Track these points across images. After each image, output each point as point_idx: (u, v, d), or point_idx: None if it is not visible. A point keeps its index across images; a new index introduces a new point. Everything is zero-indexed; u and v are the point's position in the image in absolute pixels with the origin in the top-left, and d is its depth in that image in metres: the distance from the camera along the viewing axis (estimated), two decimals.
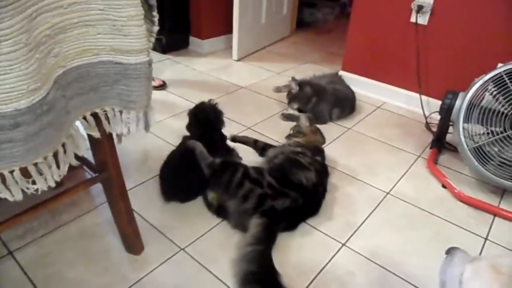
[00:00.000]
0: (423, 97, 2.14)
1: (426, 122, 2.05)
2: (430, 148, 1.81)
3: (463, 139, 1.50)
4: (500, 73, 1.41)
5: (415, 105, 2.17)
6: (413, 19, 2.05)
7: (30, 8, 0.61)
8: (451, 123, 1.63)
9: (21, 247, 1.17)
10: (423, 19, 2.02)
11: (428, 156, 1.75)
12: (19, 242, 1.18)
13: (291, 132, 1.68)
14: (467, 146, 1.49)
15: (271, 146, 1.59)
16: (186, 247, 1.22)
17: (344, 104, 2.08)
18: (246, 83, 2.44)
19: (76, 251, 1.17)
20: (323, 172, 1.43)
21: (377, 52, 2.27)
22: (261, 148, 1.60)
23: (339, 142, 1.87)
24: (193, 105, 1.58)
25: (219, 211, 1.31)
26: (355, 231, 1.33)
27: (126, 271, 1.12)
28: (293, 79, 2.06)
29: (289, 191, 1.28)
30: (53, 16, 0.66)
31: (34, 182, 0.72)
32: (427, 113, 2.09)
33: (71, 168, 0.79)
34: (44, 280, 1.08)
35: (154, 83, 2.23)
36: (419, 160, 1.76)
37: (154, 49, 2.78)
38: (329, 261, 1.20)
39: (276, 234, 1.23)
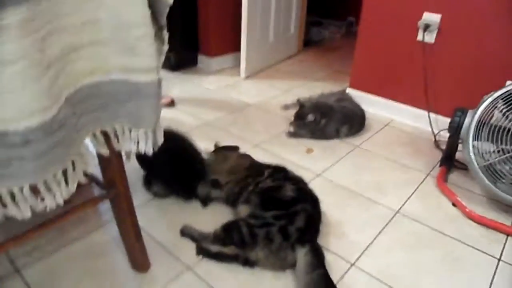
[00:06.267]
0: (432, 114, 2.13)
1: (435, 139, 2.04)
2: (440, 166, 1.79)
3: (473, 157, 1.48)
4: (509, 90, 1.40)
5: (424, 123, 2.16)
6: (420, 38, 2.06)
7: (44, 27, 0.63)
8: (460, 141, 1.62)
9: (29, 265, 1.16)
10: (430, 37, 2.03)
11: (438, 174, 1.72)
12: (26, 260, 1.18)
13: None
14: (478, 164, 1.47)
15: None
16: (194, 266, 1.21)
17: (353, 121, 2.08)
18: (254, 101, 2.45)
19: (83, 269, 1.17)
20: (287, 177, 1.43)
21: (384, 70, 2.28)
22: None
23: (347, 160, 1.86)
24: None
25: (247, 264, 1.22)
26: (364, 251, 1.31)
27: None
28: (298, 100, 2.04)
29: (294, 207, 1.26)
30: (65, 35, 0.68)
31: (42, 200, 0.72)
32: (435, 131, 2.07)
33: (79, 185, 0.79)
34: None
35: (163, 101, 2.26)
36: (428, 178, 1.74)
37: (163, 67, 2.80)
38: (338, 281, 1.18)
39: (323, 254, 1.20)
